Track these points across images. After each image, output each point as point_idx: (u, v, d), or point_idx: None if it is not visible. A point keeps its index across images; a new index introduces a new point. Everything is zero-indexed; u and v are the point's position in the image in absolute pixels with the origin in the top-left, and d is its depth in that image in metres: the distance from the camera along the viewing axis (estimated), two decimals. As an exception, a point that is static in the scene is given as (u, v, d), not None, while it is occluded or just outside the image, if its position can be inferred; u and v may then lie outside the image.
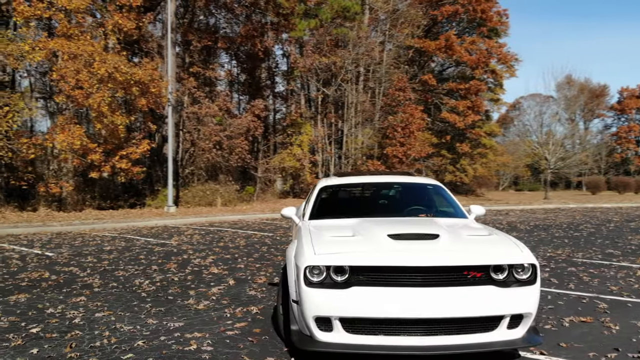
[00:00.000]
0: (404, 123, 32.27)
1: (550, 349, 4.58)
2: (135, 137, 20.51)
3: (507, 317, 4.05)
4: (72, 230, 15.38)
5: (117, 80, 17.89)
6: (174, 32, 23.48)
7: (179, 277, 8.05)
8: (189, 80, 24.88)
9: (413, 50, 38.43)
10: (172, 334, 5.07)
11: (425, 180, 6.49)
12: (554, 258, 9.70)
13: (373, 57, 34.13)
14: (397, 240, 4.33)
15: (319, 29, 30.23)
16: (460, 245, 4.35)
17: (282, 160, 29.05)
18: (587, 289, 7.04)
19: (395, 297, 3.96)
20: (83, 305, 6.23)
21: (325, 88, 32.20)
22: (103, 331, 5.16)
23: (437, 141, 38.92)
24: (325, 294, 4.03)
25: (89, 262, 9.48)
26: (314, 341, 4.12)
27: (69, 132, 17.36)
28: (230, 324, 5.38)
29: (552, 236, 13.42)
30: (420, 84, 38.55)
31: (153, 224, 17.59)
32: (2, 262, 9.54)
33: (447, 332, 4.05)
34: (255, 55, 28.50)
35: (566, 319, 5.50)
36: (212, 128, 23.48)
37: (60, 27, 17.87)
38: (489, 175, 43.19)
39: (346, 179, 6.48)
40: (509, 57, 37.25)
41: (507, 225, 16.76)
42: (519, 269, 4.14)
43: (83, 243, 12.38)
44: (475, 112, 37.23)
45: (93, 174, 18.97)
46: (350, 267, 4.07)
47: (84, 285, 7.48)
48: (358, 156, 32.82)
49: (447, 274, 4.03)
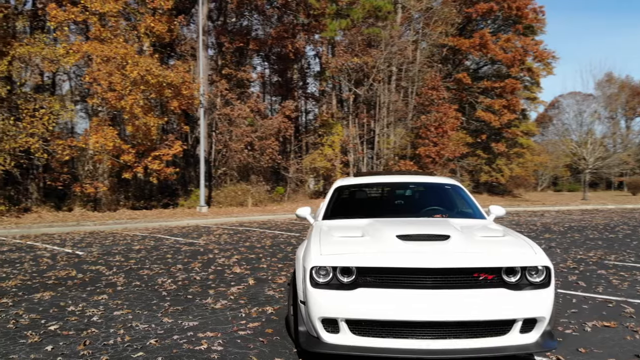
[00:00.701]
0: (437, 122, 31.90)
1: (568, 354, 4.42)
2: (168, 139, 20.83)
3: (519, 321, 3.92)
4: (104, 230, 15.71)
5: (149, 83, 18.20)
6: (206, 34, 23.77)
7: (202, 276, 8.11)
8: (221, 82, 25.14)
9: (447, 49, 37.95)
10: (185, 333, 5.10)
11: (443, 180, 6.36)
12: (585, 260, 9.41)
13: (406, 56, 33.85)
14: (406, 241, 4.25)
15: (350, 29, 30.13)
16: (471, 246, 4.23)
17: (314, 161, 29.05)
18: (616, 292, 6.79)
19: (403, 299, 3.88)
20: (104, 304, 6.33)
21: (357, 88, 32.07)
22: (118, 329, 5.23)
23: (472, 141, 38.31)
24: (331, 295, 3.98)
25: (117, 261, 9.65)
26: (320, 343, 4.07)
27: (102, 134, 17.76)
28: (244, 324, 5.38)
29: (585, 238, 13.04)
30: (454, 83, 38.03)
31: (185, 223, 17.84)
32: (33, 261, 9.79)
33: (456, 336, 3.94)
34: (286, 56, 28.60)
35: (589, 324, 5.30)
36: (243, 129, 23.66)
37: (93, 30, 18.31)
38: (526, 175, 42.25)
39: (362, 179, 6.40)
40: (545, 55, 36.37)
41: (541, 226, 16.36)
42: (533, 272, 3.99)
43: (113, 242, 12.63)
44: (511, 111, 36.49)
45: (126, 175, 19.36)
46: (357, 268, 4.01)
47: (108, 283, 7.60)
48: (390, 156, 32.56)
49: (457, 276, 3.93)
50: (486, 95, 38.15)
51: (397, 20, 33.72)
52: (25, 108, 17.58)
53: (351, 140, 31.64)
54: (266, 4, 28.16)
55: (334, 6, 28.50)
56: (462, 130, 37.97)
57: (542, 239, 12.93)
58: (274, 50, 29.32)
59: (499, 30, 39.49)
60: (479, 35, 35.24)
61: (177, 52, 26.10)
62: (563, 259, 9.65)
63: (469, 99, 38.54)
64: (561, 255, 10.11)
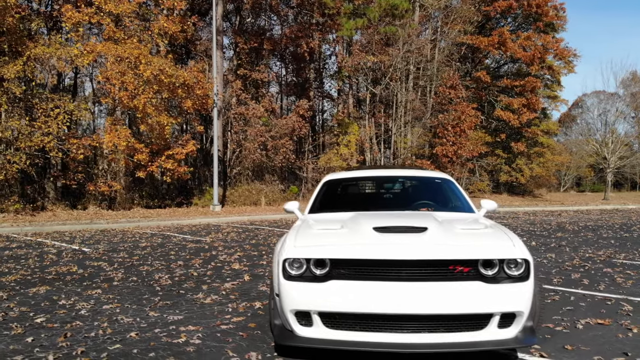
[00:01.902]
0: (455, 121, 31.57)
1: (553, 352, 4.27)
2: (182, 138, 20.96)
3: (496, 316, 3.79)
4: (116, 228, 15.86)
5: (162, 82, 18.33)
6: (221, 34, 23.88)
7: (200, 272, 8.10)
8: (235, 82, 25.22)
9: (465, 47, 37.59)
10: (168, 326, 5.07)
11: (434, 173, 6.24)
12: (593, 259, 9.17)
13: (424, 54, 33.60)
14: (383, 233, 4.15)
15: (367, 28, 30.00)
16: (448, 238, 4.11)
17: (329, 160, 28.96)
18: (617, 290, 6.58)
19: (376, 291, 3.79)
20: (96, 298, 6.35)
21: (374, 87, 31.92)
22: (103, 322, 5.22)
23: (491, 140, 37.86)
24: (303, 288, 3.90)
25: (120, 258, 9.70)
26: (293, 336, 4.00)
27: (115, 133, 17.94)
28: (228, 318, 5.33)
29: (599, 237, 12.74)
30: (473, 81, 37.62)
31: (197, 222, 17.93)
32: (38, 257, 9.89)
33: (432, 330, 3.84)
34: (302, 56, 28.60)
35: (582, 321, 5.13)
36: (257, 129, 23.70)
37: (107, 31, 18.51)
38: (547, 175, 41.61)
39: (351, 172, 6.30)
40: (566, 53, 35.79)
41: (556, 225, 16.05)
42: (512, 265, 3.86)
43: (121, 240, 12.72)
44: (531, 110, 35.98)
45: (140, 174, 19.52)
46: (330, 260, 3.92)
47: (106, 279, 7.63)
48: (407, 156, 32.33)
49: (432, 268, 3.82)
50: (506, 93, 37.65)
51: (415, 18, 33.48)
52: (41, 108, 17.86)
53: (367, 139, 31.51)
54: (281, 4, 28.16)
55: (350, 5, 28.41)
56: (481, 130, 37.56)
57: (553, 237, 12.67)
58: (289, 50, 29.31)
59: (519, 28, 39.01)
60: (498, 34, 34.82)
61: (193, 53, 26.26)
62: (570, 257, 9.43)
63: (489, 97, 38.09)
64: (569, 253, 9.88)
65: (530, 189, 42.84)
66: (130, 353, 4.31)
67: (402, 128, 32.27)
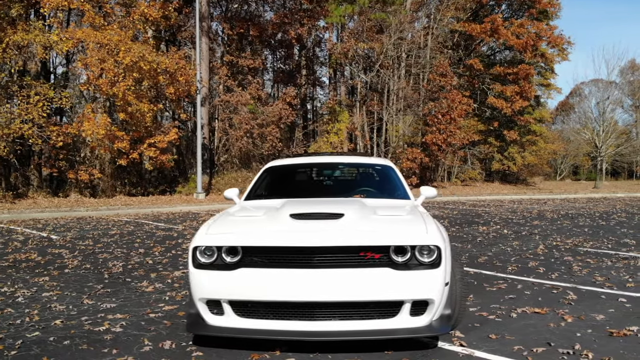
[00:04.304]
0: (445, 109, 31.36)
1: (475, 340, 4.19)
2: (164, 126, 20.82)
3: (407, 303, 3.72)
4: (94, 216, 15.79)
5: (142, 70, 18.15)
6: (206, 20, 23.65)
7: (156, 260, 8.03)
8: (222, 69, 25.04)
9: (458, 35, 37.28)
10: (96, 315, 5.00)
11: (375, 160, 6.15)
12: (558, 247, 9.08)
13: (415, 41, 33.34)
14: (298, 220, 4.07)
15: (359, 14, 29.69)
16: (363, 225, 4.01)
17: (319, 148, 28.84)
18: (570, 279, 6.50)
19: (286, 279, 3.71)
20: (39, 286, 6.28)
21: (365, 75, 31.70)
22: (34, 310, 5.15)
23: (484, 128, 37.65)
24: (211, 276, 3.83)
25: (84, 245, 9.63)
26: (204, 325, 3.94)
27: (94, 121, 17.82)
28: (161, 307, 5.26)
29: (574, 225, 12.64)
30: (466, 69, 37.36)
31: (178, 210, 17.85)
32: (2, 244, 9.83)
33: (343, 317, 3.78)
34: (289, 42, 28.36)
35: (518, 310, 5.05)
36: (242, 116, 23.55)
37: (86, 17, 18.30)
38: (540, 164, 41.43)
39: (292, 159, 6.20)
40: (560, 40, 35.42)
41: (536, 214, 15.96)
42: (424, 252, 3.77)
43: (93, 227, 12.64)
44: (524, 98, 35.68)
45: (121, 162, 19.41)
46: (242, 248, 3.85)
47: (59, 266, 7.56)
48: (399, 144, 32.18)
49: (342, 255, 3.73)
50: (499, 81, 37.35)
51: (407, 5, 33.19)
52: (21, 95, 17.72)
53: (358, 127, 31.33)
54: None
55: (339, -9, 28.14)
56: (474, 118, 37.35)
57: (528, 225, 12.59)
58: (276, 37, 29.07)
59: (513, 16, 38.62)
60: (490, 21, 34.46)
61: (180, 39, 26.04)
62: (536, 245, 9.35)
63: (482, 85, 37.84)
64: (537, 241, 9.80)
65: (524, 177, 42.71)
66: (45, 340, 4.25)
67: (394, 116, 32.09)
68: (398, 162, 31.08)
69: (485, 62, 38.33)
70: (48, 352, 3.99)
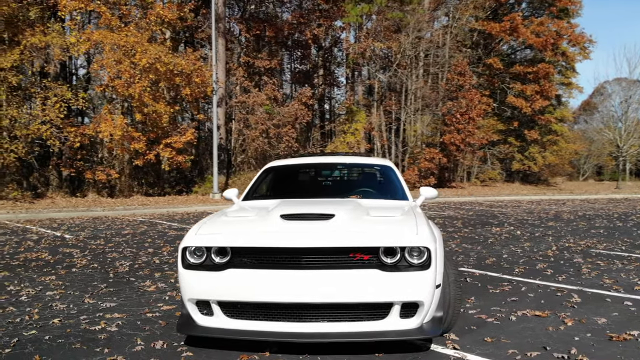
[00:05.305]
0: (464, 109, 31.07)
1: (470, 343, 4.13)
2: (180, 126, 20.99)
3: (397, 305, 3.67)
4: (109, 215, 15.97)
5: (159, 71, 18.32)
6: (222, 21, 23.78)
7: (163, 259, 8.09)
8: (238, 70, 25.15)
9: (477, 33, 36.95)
10: (95, 314, 5.04)
11: (375, 160, 6.09)
12: (570, 249, 8.93)
13: (434, 41, 33.11)
14: (287, 221, 4.04)
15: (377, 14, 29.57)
16: (353, 226, 3.97)
17: (336, 149, 28.81)
18: (576, 281, 6.37)
19: (274, 280, 3.69)
20: (45, 285, 6.35)
21: (382, 74, 31.57)
22: (35, 309, 5.21)
23: (504, 128, 37.23)
24: (201, 277, 3.83)
25: (95, 245, 9.74)
26: (194, 325, 3.93)
27: (111, 122, 18.03)
28: (159, 307, 5.28)
29: (590, 226, 12.42)
30: (485, 68, 37.00)
31: (193, 210, 17.97)
32: (16, 243, 9.98)
33: (333, 319, 3.74)
34: (306, 43, 28.38)
35: (518, 313, 4.96)
36: (258, 116, 23.63)
37: (103, 19, 18.53)
38: (561, 163, 40.83)
39: (290, 160, 6.17)
40: (580, 38, 34.88)
41: (553, 214, 15.73)
42: (414, 253, 3.72)
43: (108, 227, 12.79)
44: (544, 97, 35.21)
45: (137, 162, 19.61)
46: (231, 249, 3.84)
47: (67, 265, 7.65)
48: (416, 144, 32.00)
49: (331, 256, 3.70)
50: (519, 80, 36.90)
51: (425, 4, 32.94)
52: (39, 96, 18.01)
53: (375, 127, 31.22)
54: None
55: (355, -10, 28.04)
56: (494, 117, 36.95)
57: (542, 227, 12.40)
58: (293, 38, 29.11)
59: (533, 14, 38.14)
60: (509, 19, 34.06)
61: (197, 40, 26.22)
62: (548, 246, 9.20)
63: (501, 84, 37.42)
64: (550, 243, 9.64)
65: (545, 177, 42.12)
66: (41, 339, 4.29)
67: (412, 116, 31.91)
68: (416, 162, 30.92)
69: (505, 61, 37.93)
70: (41, 350, 4.02)
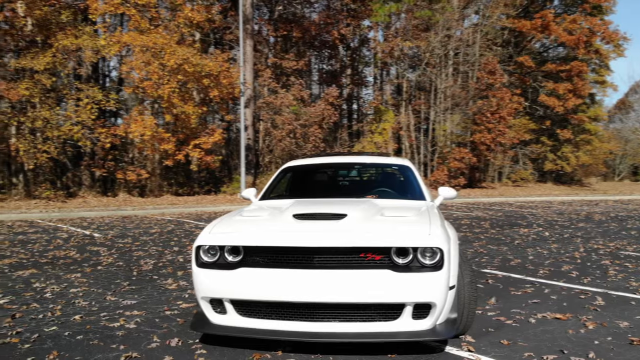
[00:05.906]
0: (494, 108, 30.61)
1: (486, 346, 4.07)
2: (208, 127, 21.23)
3: (409, 306, 3.64)
4: (139, 215, 16.24)
5: (187, 72, 18.56)
6: (250, 22, 23.96)
7: (187, 258, 8.19)
8: (265, 71, 25.30)
9: (508, 31, 36.37)
10: (115, 311, 5.13)
11: (393, 160, 6.04)
12: (598, 250, 8.72)
13: (464, 39, 32.72)
14: (300, 220, 4.05)
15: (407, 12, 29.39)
16: (365, 226, 3.95)
17: (363, 149, 28.72)
18: (602, 284, 6.22)
19: (286, 279, 3.70)
20: (69, 282, 6.49)
21: (411, 73, 31.36)
22: (58, 305, 5.33)
23: (535, 127, 36.53)
24: (213, 275, 3.87)
25: (122, 243, 9.91)
26: (207, 324, 3.97)
27: (141, 123, 18.35)
28: (178, 305, 5.35)
29: (622, 228, 12.11)
30: (516, 66, 36.39)
31: (221, 209, 18.14)
32: (46, 241, 10.23)
33: (345, 319, 3.73)
34: (333, 43, 28.38)
35: (538, 315, 4.87)
36: (285, 117, 23.73)
37: (132, 21, 18.88)
38: (595, 163, 39.86)
39: (308, 159, 6.18)
40: (614, 36, 33.97)
41: (584, 216, 15.38)
42: (427, 253, 3.68)
43: (136, 226, 13.00)
44: (577, 96, 34.43)
45: (167, 162, 19.93)
46: (244, 248, 3.87)
47: (94, 263, 7.80)
48: (446, 144, 31.67)
49: (343, 256, 3.69)
50: (551, 79, 36.19)
51: (454, 2, 32.56)
52: (71, 98, 18.45)
53: (404, 127, 31.01)
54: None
55: (383, -10, 27.91)
56: (525, 116, 36.31)
57: (572, 228, 12.15)
58: (320, 38, 29.13)
59: (566, 11, 37.37)
60: (541, 17, 33.43)
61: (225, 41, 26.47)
62: (576, 248, 9.00)
63: (533, 83, 36.76)
64: (578, 244, 9.44)
65: (579, 177, 41.21)
66: (60, 335, 4.38)
67: (441, 115, 31.60)
68: (445, 162, 30.60)
69: (537, 59, 37.23)
70: (60, 346, 4.11)
